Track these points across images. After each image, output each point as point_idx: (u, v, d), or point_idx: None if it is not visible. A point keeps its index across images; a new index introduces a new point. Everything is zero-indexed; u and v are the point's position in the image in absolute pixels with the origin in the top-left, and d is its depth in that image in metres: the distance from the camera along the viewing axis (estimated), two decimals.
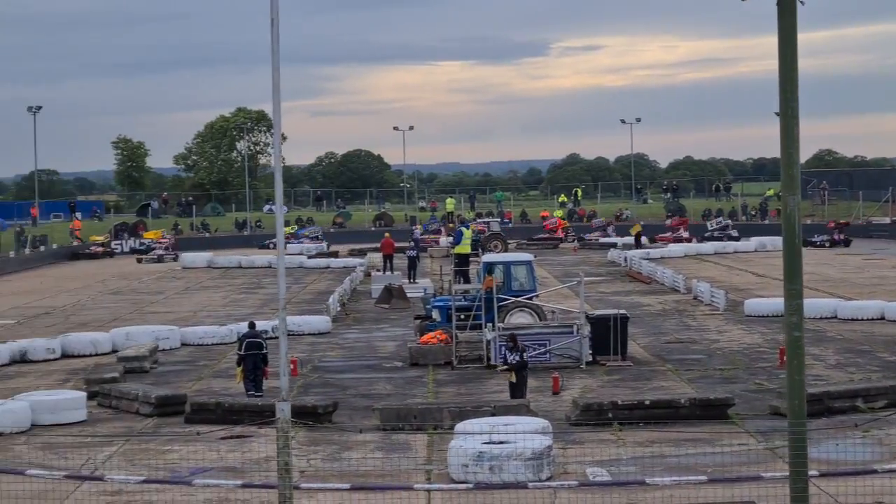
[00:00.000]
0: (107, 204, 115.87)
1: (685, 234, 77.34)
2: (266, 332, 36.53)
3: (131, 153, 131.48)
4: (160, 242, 77.11)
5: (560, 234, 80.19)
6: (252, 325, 28.04)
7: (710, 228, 79.70)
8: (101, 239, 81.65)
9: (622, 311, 31.86)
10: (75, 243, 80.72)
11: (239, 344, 26.98)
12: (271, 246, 74.32)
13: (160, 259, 72.49)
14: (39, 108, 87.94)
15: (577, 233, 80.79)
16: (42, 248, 76.96)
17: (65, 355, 34.05)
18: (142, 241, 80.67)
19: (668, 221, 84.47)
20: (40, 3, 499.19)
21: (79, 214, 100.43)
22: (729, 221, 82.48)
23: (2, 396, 26.50)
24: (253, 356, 26.36)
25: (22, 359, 33.40)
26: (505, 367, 25.01)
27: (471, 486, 18.14)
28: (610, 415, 22.93)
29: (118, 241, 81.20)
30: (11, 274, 65.84)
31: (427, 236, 77.78)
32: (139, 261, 72.35)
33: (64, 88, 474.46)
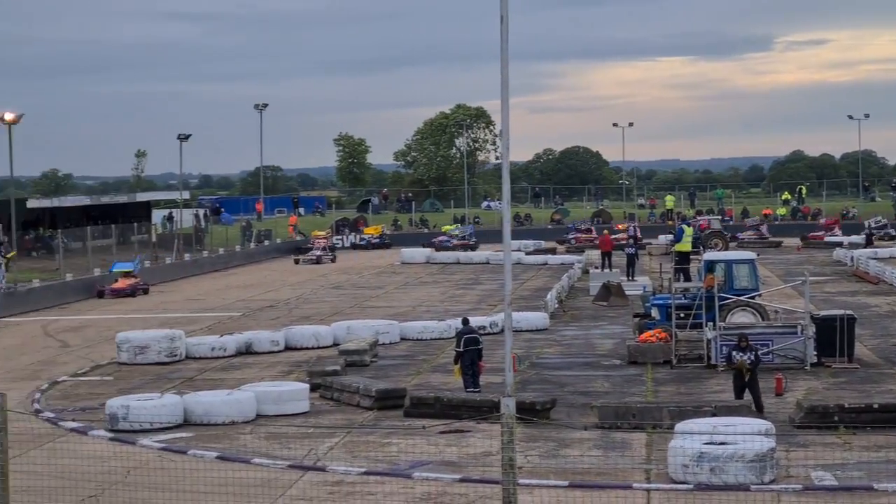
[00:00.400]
0: (328, 199, 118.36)
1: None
2: (484, 327, 36.78)
3: (353, 150, 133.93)
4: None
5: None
6: (466, 321, 28.12)
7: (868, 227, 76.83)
8: (322, 234, 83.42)
9: (849, 312, 30.88)
10: (298, 238, 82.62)
11: (457, 340, 27.07)
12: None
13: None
14: (265, 105, 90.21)
15: (801, 231, 78.73)
16: (266, 243, 79.11)
17: (288, 347, 34.81)
18: (362, 236, 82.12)
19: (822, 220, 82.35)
20: (267, 3, 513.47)
21: (301, 210, 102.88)
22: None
23: (229, 386, 27.28)
24: (470, 352, 26.43)
25: (247, 350, 34.28)
26: (733, 364, 24.33)
27: (691, 486, 17.83)
28: (836, 418, 22.21)
29: (339, 237, 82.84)
30: (237, 267, 67.84)
31: (578, 235, 77.26)
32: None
33: (289, 86, 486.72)
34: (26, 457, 19.70)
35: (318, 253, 70.42)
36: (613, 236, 64.59)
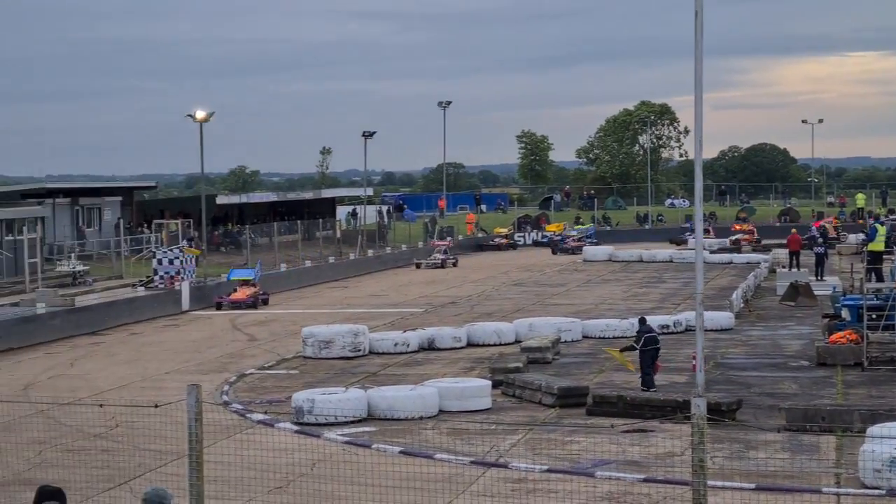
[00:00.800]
0: (510, 196, 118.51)
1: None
2: (668, 326, 36.40)
3: (535, 147, 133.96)
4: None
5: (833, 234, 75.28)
6: (643, 321, 27.87)
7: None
8: (504, 231, 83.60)
9: None
10: (479, 234, 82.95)
11: (637, 338, 26.86)
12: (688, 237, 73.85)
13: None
14: (449, 103, 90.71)
15: None
16: (449, 240, 79.57)
17: (470, 344, 34.91)
18: (544, 234, 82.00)
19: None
20: (453, 1, 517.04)
21: (483, 207, 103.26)
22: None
23: (411, 382, 27.47)
24: (650, 351, 26.19)
25: (430, 346, 34.49)
26: None
27: (883, 492, 17.29)
28: None
29: (521, 234, 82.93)
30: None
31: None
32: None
33: (472, 83, 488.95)
34: (216, 447, 20.13)
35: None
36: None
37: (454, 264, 66.62)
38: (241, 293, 47.19)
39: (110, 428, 23.38)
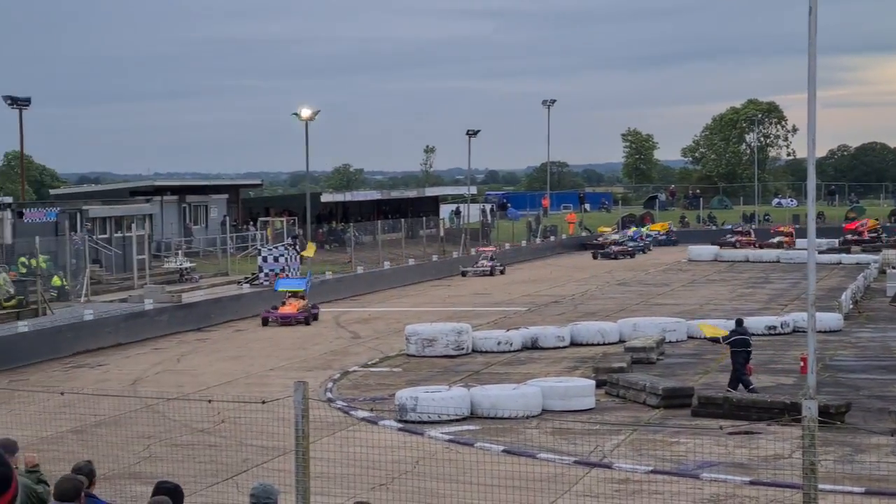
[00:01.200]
0: (614, 196, 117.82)
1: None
2: (776, 327, 35.92)
3: (640, 145, 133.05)
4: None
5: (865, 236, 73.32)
6: (740, 322, 27.62)
7: None
8: (608, 230, 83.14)
9: None
10: (583, 234, 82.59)
11: (728, 335, 26.80)
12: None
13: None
14: (553, 101, 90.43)
15: None
16: (552, 238, 79.35)
17: (573, 343, 34.75)
18: (648, 233, 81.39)
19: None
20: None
21: (587, 206, 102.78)
22: None
23: (514, 381, 27.40)
24: (742, 353, 26.08)
25: (533, 345, 34.39)
26: None
27: None
28: None
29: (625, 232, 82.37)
30: (523, 262, 68.28)
31: (740, 238, 74.12)
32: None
33: (577, 82, 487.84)
34: (320, 444, 20.24)
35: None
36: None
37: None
38: (291, 306, 41.75)
39: (216, 423, 23.64)
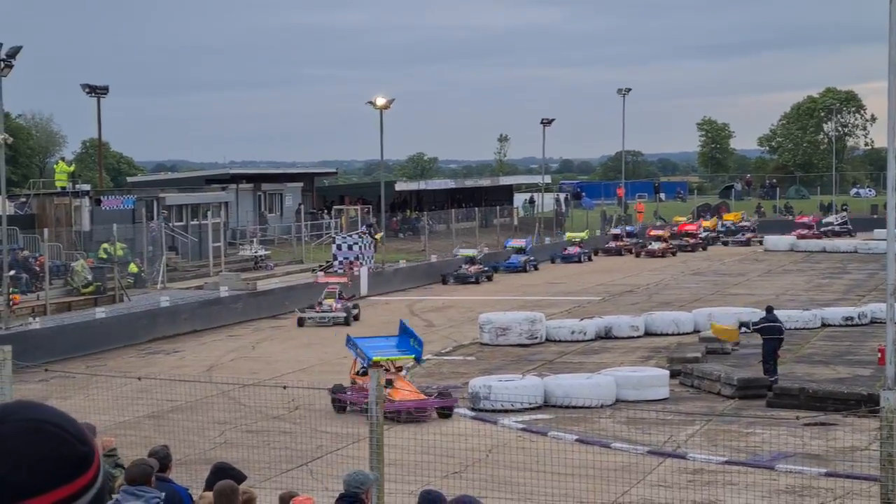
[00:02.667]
0: (689, 185, 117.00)
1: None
2: (853, 318, 35.55)
3: (715, 135, 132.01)
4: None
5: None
6: (770, 310, 27.59)
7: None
8: (683, 220, 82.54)
9: None
10: (658, 223, 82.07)
11: (757, 322, 26.99)
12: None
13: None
14: (629, 90, 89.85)
15: None
16: (630, 228, 78.91)
17: (647, 333, 34.56)
18: (723, 223, 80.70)
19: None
20: None
21: (662, 195, 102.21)
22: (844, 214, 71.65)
23: (588, 370, 27.33)
24: (773, 340, 26.23)
25: (606, 335, 34.25)
26: None
27: None
28: None
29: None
30: (599, 252, 67.95)
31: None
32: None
33: (651, 70, 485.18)
34: (393, 431, 20.30)
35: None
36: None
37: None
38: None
39: (290, 410, 23.80)
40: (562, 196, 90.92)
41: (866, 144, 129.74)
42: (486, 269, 52.97)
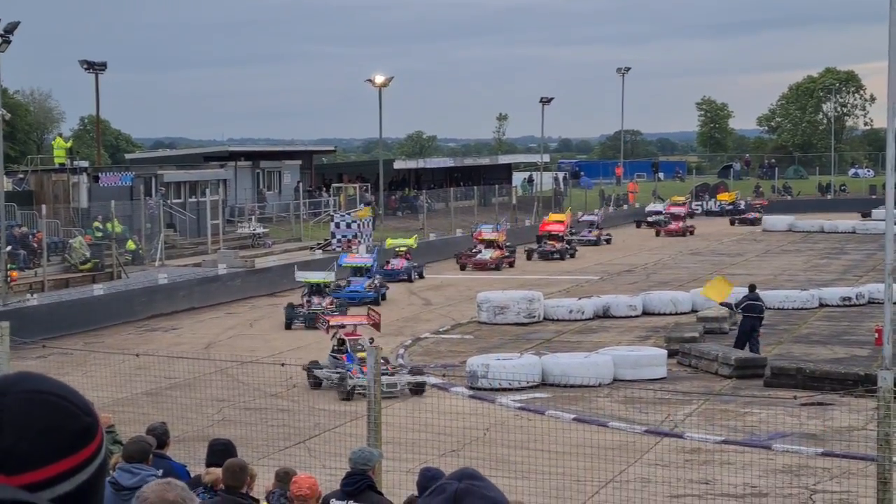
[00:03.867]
0: (688, 165, 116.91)
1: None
2: (850, 298, 35.58)
3: (715, 114, 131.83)
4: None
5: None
6: (752, 288, 28.01)
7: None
8: (681, 199, 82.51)
9: None
10: (657, 203, 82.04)
11: (740, 301, 27.27)
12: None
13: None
14: (628, 69, 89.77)
15: None
16: (625, 207, 78.95)
17: (645, 312, 34.59)
18: (717, 202, 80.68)
19: None
20: None
21: (661, 175, 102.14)
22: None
23: (586, 349, 27.35)
24: (752, 318, 26.64)
25: (605, 314, 34.28)
26: None
27: None
28: None
29: (698, 203, 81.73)
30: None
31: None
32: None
33: (651, 50, 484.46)
34: (391, 409, 20.32)
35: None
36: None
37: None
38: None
39: (288, 388, 23.83)
40: (560, 175, 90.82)
41: (866, 125, 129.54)
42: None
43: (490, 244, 47.87)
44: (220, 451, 10.56)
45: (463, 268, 47.20)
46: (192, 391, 23.64)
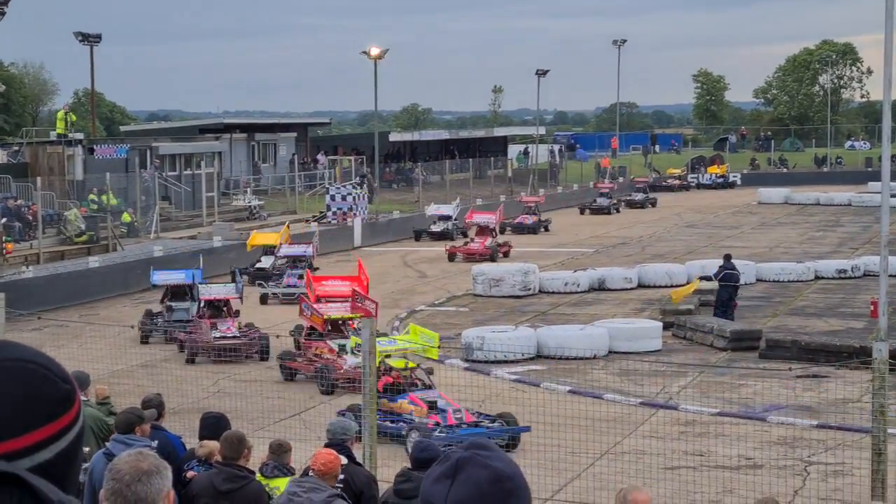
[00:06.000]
0: (684, 137, 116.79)
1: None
2: (846, 271, 35.60)
3: (711, 87, 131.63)
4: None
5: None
6: (728, 257, 28.69)
7: None
8: (677, 172, 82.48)
9: None
10: (653, 175, 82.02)
11: (717, 272, 27.75)
12: None
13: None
14: (624, 41, 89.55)
15: None
16: (621, 180, 78.85)
17: (640, 285, 34.59)
18: (707, 175, 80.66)
19: None
20: None
21: (657, 147, 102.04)
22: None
23: (581, 322, 27.36)
24: (727, 287, 27.22)
25: (600, 287, 34.29)
26: None
27: None
28: None
29: (694, 175, 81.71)
30: (593, 205, 67.82)
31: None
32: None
33: (648, 22, 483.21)
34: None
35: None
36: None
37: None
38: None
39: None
40: (556, 148, 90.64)
41: (862, 97, 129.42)
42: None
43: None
44: (212, 425, 10.58)
45: (451, 258, 41.71)
46: (189, 364, 23.67)
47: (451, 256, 41.69)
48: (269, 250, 36.75)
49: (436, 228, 47.69)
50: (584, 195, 69.54)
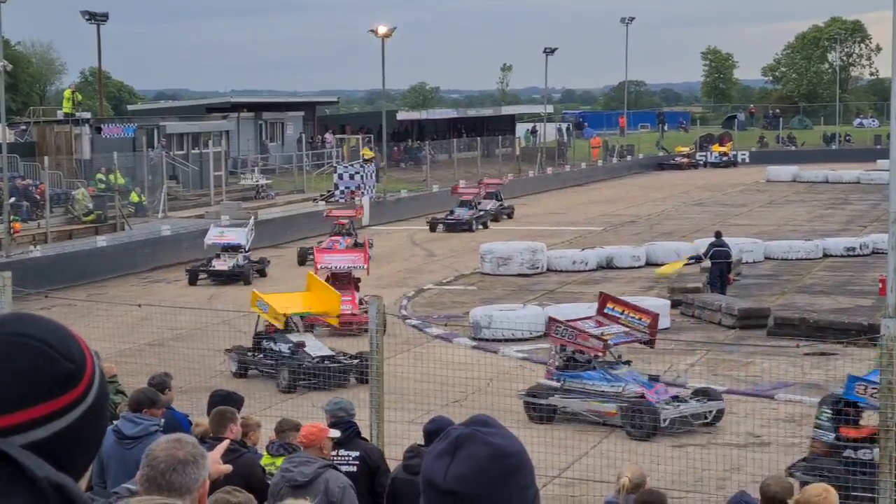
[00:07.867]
0: (692, 115, 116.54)
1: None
2: (854, 248, 35.55)
3: (719, 64, 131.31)
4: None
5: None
6: (718, 235, 29.02)
7: None
8: (685, 150, 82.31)
9: None
10: (660, 153, 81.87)
11: (707, 250, 28.03)
12: None
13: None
14: (632, 19, 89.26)
15: None
16: (629, 158, 78.80)
17: (649, 263, 34.54)
18: (712, 153, 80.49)
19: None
20: None
21: (665, 125, 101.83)
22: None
23: (590, 300, 27.30)
24: (719, 264, 27.44)
25: (608, 265, 34.26)
26: None
27: None
28: None
29: (703, 153, 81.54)
30: (599, 182, 67.87)
31: None
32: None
33: None
34: (394, 360, 20.32)
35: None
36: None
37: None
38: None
39: None
40: (564, 126, 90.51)
41: (871, 74, 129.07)
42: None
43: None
44: (220, 403, 10.56)
45: (433, 228, 43.18)
46: (196, 342, 23.67)
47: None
48: None
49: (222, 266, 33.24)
50: (592, 174, 69.48)
